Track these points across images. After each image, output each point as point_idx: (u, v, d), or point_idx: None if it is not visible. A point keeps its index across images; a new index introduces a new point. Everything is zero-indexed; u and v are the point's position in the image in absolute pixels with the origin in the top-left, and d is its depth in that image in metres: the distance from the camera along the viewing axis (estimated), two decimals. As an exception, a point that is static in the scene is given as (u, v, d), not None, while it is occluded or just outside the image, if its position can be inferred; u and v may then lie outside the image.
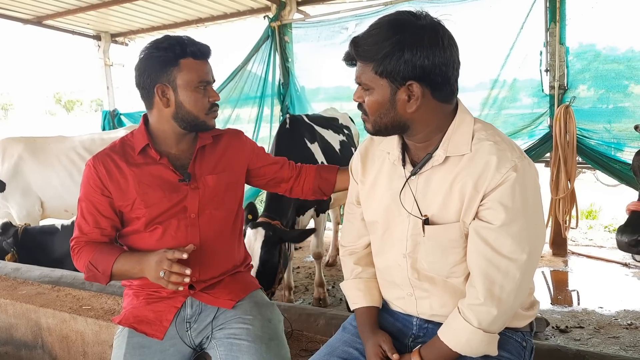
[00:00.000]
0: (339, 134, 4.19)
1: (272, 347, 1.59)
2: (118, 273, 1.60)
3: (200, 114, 1.65)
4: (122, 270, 1.60)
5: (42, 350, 2.29)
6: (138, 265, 1.57)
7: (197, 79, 1.61)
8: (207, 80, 1.64)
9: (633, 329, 3.28)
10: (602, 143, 4.49)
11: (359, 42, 1.23)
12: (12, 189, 4.46)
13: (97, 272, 1.61)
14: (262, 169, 1.89)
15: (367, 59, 1.21)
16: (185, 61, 1.60)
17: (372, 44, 1.19)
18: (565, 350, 1.74)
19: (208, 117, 1.67)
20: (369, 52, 1.20)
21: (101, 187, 1.66)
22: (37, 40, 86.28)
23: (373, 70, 1.21)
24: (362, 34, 1.23)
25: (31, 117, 35.78)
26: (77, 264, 1.67)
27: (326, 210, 3.97)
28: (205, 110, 1.65)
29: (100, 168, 1.67)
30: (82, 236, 1.67)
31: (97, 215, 1.67)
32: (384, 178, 1.40)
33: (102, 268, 1.60)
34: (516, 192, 1.19)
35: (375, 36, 1.20)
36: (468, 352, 1.24)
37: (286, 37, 6.05)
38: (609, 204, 6.36)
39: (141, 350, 1.61)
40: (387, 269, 1.42)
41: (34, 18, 6.61)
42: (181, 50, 1.60)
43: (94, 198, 1.67)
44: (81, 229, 1.68)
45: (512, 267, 1.20)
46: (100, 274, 1.60)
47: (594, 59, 4.52)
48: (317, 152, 3.72)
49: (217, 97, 1.67)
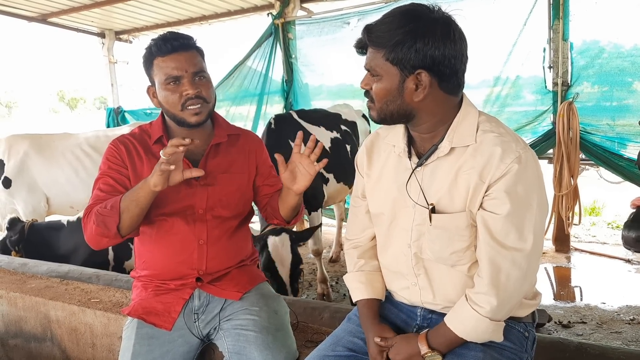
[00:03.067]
0: (332, 131, 4.10)
1: (279, 337, 1.62)
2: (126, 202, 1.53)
3: (175, 110, 1.63)
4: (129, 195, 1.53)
5: (51, 343, 2.32)
6: (142, 184, 1.51)
7: (164, 77, 1.61)
8: (173, 75, 1.59)
9: (635, 324, 3.30)
10: (605, 139, 4.50)
11: (372, 28, 1.25)
12: (18, 186, 4.49)
13: (106, 211, 1.54)
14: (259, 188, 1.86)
15: (379, 45, 1.24)
16: (156, 61, 1.63)
17: (386, 31, 1.22)
18: (567, 343, 1.75)
19: (185, 113, 1.62)
20: (382, 38, 1.23)
21: (121, 164, 1.69)
22: (41, 38, 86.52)
23: (384, 57, 1.23)
24: (376, 21, 1.26)
25: (35, 115, 35.87)
26: (87, 224, 1.60)
27: (318, 208, 3.88)
28: (177, 106, 1.61)
29: (120, 147, 1.72)
30: (95, 202, 1.62)
31: (115, 185, 1.67)
32: (390, 170, 1.42)
33: (111, 204, 1.54)
34: (520, 182, 1.21)
35: (389, 24, 1.22)
36: (474, 338, 1.27)
37: (290, 34, 6.06)
38: (612, 201, 6.35)
39: (150, 340, 1.64)
40: (393, 259, 1.45)
41: (38, 16, 6.64)
42: (151, 51, 1.63)
43: (113, 173, 1.68)
44: (96, 198, 1.64)
45: (517, 256, 1.23)
46: (109, 210, 1.54)
47: (597, 56, 4.51)
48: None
49: (190, 90, 1.59)
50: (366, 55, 1.29)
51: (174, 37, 1.63)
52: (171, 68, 1.60)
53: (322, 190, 3.88)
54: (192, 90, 1.60)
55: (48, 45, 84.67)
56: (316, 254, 3.99)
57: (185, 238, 1.70)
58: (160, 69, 1.62)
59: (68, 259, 3.18)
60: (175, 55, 1.61)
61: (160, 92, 1.65)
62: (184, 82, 1.60)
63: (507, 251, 1.23)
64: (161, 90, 1.64)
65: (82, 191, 4.57)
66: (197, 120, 1.64)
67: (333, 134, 4.10)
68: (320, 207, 3.91)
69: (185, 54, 1.62)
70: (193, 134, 1.72)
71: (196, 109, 1.62)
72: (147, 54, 1.65)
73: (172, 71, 1.60)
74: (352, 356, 1.43)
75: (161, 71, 1.62)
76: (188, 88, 1.60)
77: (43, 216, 4.52)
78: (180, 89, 1.60)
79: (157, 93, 1.68)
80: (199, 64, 1.64)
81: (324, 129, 4.04)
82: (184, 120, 1.64)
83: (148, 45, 1.66)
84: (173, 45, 1.61)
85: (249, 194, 1.83)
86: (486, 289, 1.24)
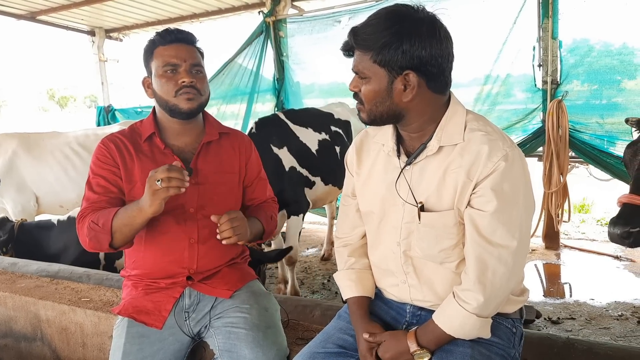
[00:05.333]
0: (321, 133, 4.02)
1: (269, 335, 1.62)
2: (118, 224, 1.55)
3: (169, 97, 1.64)
4: (121, 218, 1.55)
5: (41, 342, 2.31)
6: (135, 205, 1.53)
7: (162, 64, 1.63)
8: (172, 62, 1.63)
9: (623, 320, 3.34)
10: (594, 137, 4.53)
11: (358, 31, 1.26)
12: (7, 185, 4.45)
13: (97, 228, 1.57)
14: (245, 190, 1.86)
15: (366, 48, 1.24)
16: (157, 50, 1.66)
17: (372, 33, 1.23)
18: (555, 339, 1.77)
19: (178, 100, 1.63)
20: (368, 41, 1.23)
21: (112, 163, 1.69)
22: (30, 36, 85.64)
23: (371, 59, 1.24)
24: (361, 24, 1.26)
25: (24, 114, 35.51)
26: (80, 231, 1.63)
27: (299, 214, 3.76)
28: (171, 93, 1.63)
29: (111, 145, 1.71)
30: (89, 206, 1.65)
31: (107, 186, 1.68)
32: (379, 169, 1.43)
33: (102, 222, 1.56)
34: (507, 180, 1.23)
35: (375, 26, 1.23)
36: (462, 335, 1.28)
37: (281, 33, 6.06)
38: (602, 198, 6.41)
39: (140, 339, 1.64)
40: (383, 257, 1.46)
41: (27, 13, 6.59)
42: (153, 42, 1.67)
43: (104, 173, 1.69)
44: (89, 200, 1.66)
45: (504, 253, 1.24)
46: (101, 229, 1.56)
47: (587, 54, 4.55)
48: (285, 157, 3.62)
49: (186, 78, 1.62)
50: (353, 58, 1.29)
51: (178, 30, 1.68)
52: (170, 56, 1.63)
53: (303, 195, 3.76)
54: (188, 79, 1.63)
55: (37, 43, 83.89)
56: (289, 262, 3.87)
57: (176, 237, 1.69)
58: (160, 57, 1.64)
59: (58, 259, 3.16)
60: (176, 45, 1.65)
61: (156, 80, 1.65)
62: (180, 71, 1.63)
63: (493, 248, 1.24)
64: (157, 77, 1.65)
65: (71, 190, 4.54)
66: (190, 107, 1.65)
67: (321, 136, 4.02)
68: (302, 213, 3.80)
69: (186, 47, 1.67)
70: (186, 131, 1.73)
71: (190, 95, 1.64)
72: (150, 44, 1.68)
73: (170, 59, 1.63)
74: (342, 353, 1.44)
75: (160, 58, 1.64)
76: (184, 76, 1.63)
77: (33, 215, 4.48)
78: (177, 77, 1.63)
79: (152, 83, 1.68)
80: (197, 59, 1.68)
81: (311, 130, 3.96)
82: (176, 108, 1.64)
83: (151, 38, 1.69)
84: (177, 37, 1.66)
85: (238, 195, 1.83)
86: (472, 286, 1.25)
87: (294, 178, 3.69)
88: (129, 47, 7.66)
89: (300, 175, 3.73)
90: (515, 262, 1.26)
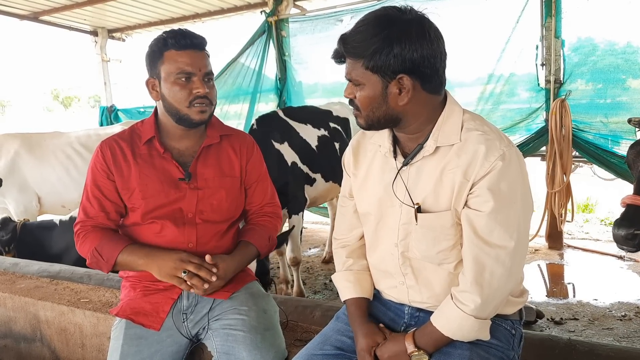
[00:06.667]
0: (320, 129, 4.03)
1: (267, 337, 1.61)
2: (122, 263, 1.63)
3: (181, 107, 1.62)
4: (126, 260, 1.63)
5: (40, 343, 2.31)
6: (144, 259, 1.60)
7: (175, 70, 1.59)
8: (187, 71, 1.59)
9: (627, 320, 3.31)
10: (599, 137, 4.50)
11: (347, 39, 1.24)
12: (9, 185, 4.46)
13: (100, 259, 1.63)
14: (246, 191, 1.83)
15: (357, 56, 1.23)
16: (168, 53, 1.61)
17: (361, 41, 1.21)
18: (556, 340, 1.76)
19: (191, 111, 1.62)
20: (358, 48, 1.22)
21: (107, 171, 1.68)
22: (34, 37, 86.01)
23: (363, 66, 1.22)
24: (350, 31, 1.24)
25: (29, 114, 35.66)
26: (81, 249, 1.68)
27: (299, 212, 3.75)
28: (185, 102, 1.61)
29: (106, 151, 1.70)
30: (88, 220, 1.69)
31: (103, 199, 1.68)
32: (376, 170, 1.42)
33: (106, 256, 1.62)
34: (504, 180, 1.21)
35: (364, 32, 1.21)
36: (460, 337, 1.27)
37: (283, 32, 6.05)
38: (606, 198, 6.37)
39: (138, 341, 1.63)
40: (381, 259, 1.44)
41: (30, 14, 6.60)
42: (165, 42, 1.61)
43: (100, 182, 1.69)
44: (86, 213, 1.69)
45: (501, 253, 1.23)
46: (104, 262, 1.63)
47: (591, 53, 4.52)
48: (287, 152, 3.62)
49: (201, 89, 1.60)
50: (345, 65, 1.27)
51: (192, 35, 1.63)
52: (185, 64, 1.59)
53: (302, 193, 3.76)
54: (203, 89, 1.61)
55: (41, 43, 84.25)
56: (294, 262, 3.80)
57: (174, 241, 1.68)
58: (173, 62, 1.60)
59: (60, 259, 3.16)
60: (191, 52, 1.61)
61: (167, 85, 1.61)
62: (194, 80, 1.61)
63: (491, 248, 1.23)
64: (168, 83, 1.61)
65: (73, 190, 4.55)
66: (202, 118, 1.64)
67: (320, 132, 4.02)
68: (301, 211, 3.79)
69: (199, 53, 1.63)
70: (187, 135, 1.71)
71: (203, 107, 1.62)
72: (160, 44, 1.62)
73: (186, 67, 1.59)
74: (340, 355, 1.43)
75: (174, 64, 1.60)
76: (199, 87, 1.60)
77: (35, 216, 4.50)
78: (191, 86, 1.60)
79: (160, 86, 1.64)
80: (209, 66, 1.65)
81: (310, 126, 3.97)
82: (187, 118, 1.63)
83: (160, 36, 1.64)
84: (192, 42, 1.61)
85: (240, 199, 1.80)
86: (470, 287, 1.24)
87: (296, 174, 3.70)
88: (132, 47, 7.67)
89: (301, 171, 3.75)
90: (513, 262, 1.24)
